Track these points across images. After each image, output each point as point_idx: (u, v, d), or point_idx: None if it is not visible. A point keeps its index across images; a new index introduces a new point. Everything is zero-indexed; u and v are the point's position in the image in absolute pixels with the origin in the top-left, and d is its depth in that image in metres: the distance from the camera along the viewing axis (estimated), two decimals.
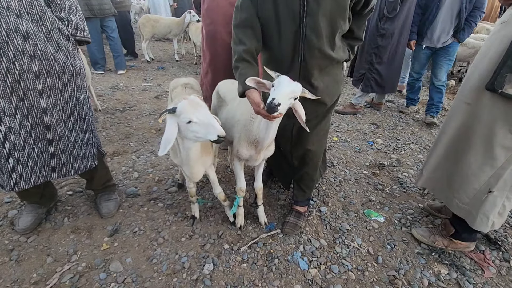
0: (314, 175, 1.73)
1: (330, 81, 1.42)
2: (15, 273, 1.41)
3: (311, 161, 1.64)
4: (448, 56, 3.07)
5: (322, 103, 1.44)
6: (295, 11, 1.19)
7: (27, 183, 1.40)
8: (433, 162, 1.61)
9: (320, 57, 1.30)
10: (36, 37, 1.24)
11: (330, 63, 1.36)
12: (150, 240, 1.62)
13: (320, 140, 1.62)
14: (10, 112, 1.26)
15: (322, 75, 1.38)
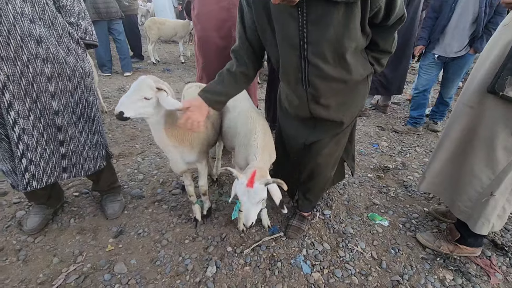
0: (322, 187, 1.66)
1: (348, 98, 1.30)
2: (22, 273, 1.43)
3: (320, 175, 1.56)
4: (461, 69, 2.69)
5: (337, 121, 1.35)
6: (294, 41, 1.09)
7: (39, 183, 1.43)
8: (436, 166, 1.60)
9: (330, 81, 1.18)
10: (48, 41, 1.28)
11: (345, 86, 1.22)
12: (154, 242, 1.63)
13: (334, 153, 1.51)
14: (24, 114, 1.30)
15: (338, 95, 1.26)
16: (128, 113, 1.18)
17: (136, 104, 1.20)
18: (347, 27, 1.01)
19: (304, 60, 1.13)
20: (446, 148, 1.53)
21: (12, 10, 1.17)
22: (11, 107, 1.26)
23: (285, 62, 1.20)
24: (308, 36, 1.06)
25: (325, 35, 1.03)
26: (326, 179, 1.63)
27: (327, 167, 1.55)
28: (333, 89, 1.22)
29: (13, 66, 1.21)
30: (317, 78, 1.17)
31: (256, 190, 1.09)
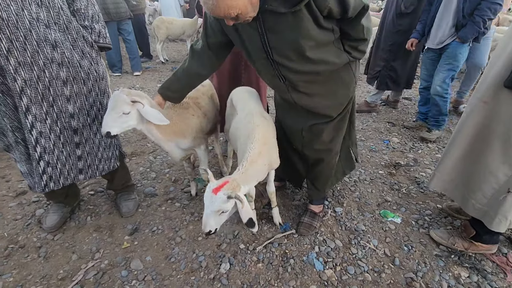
0: (329, 174, 1.70)
1: (329, 86, 1.35)
2: (43, 269, 1.49)
3: (324, 161, 1.61)
4: (448, 59, 2.52)
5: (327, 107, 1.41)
6: (259, 47, 1.20)
7: (56, 185, 1.48)
8: (448, 164, 1.58)
9: (302, 74, 1.27)
10: (63, 45, 1.31)
11: (319, 75, 1.29)
12: (168, 239, 1.67)
13: (334, 139, 1.56)
14: (41, 117, 1.33)
15: (317, 85, 1.33)
16: (113, 131, 1.28)
17: (118, 121, 1.28)
18: (299, 30, 1.10)
19: (272, 61, 1.24)
20: (458, 145, 1.51)
21: (28, 16, 1.19)
22: (28, 111, 1.29)
23: (259, 64, 1.32)
24: (269, 42, 1.17)
25: (282, 40, 1.15)
26: (331, 166, 1.66)
27: (329, 153, 1.59)
28: (309, 80, 1.30)
29: (30, 71, 1.24)
30: (289, 73, 1.26)
31: (217, 198, 1.07)
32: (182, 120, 1.58)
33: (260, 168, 1.32)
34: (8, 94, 1.24)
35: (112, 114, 1.28)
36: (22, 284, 1.41)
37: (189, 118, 1.61)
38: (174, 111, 1.58)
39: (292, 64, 1.22)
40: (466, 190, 1.49)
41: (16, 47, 1.17)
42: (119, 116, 1.28)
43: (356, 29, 1.20)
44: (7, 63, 1.17)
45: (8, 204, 1.92)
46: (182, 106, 1.62)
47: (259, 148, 1.30)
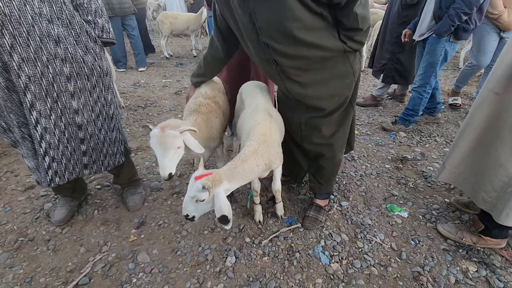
0: (333, 170, 1.68)
1: (325, 76, 1.31)
2: (52, 262, 1.51)
3: (326, 155, 1.58)
4: (426, 54, 2.46)
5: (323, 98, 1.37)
6: (250, 27, 1.19)
7: (61, 179, 1.49)
8: (457, 156, 1.55)
9: (291, 59, 1.23)
10: (66, 41, 1.30)
11: (310, 61, 1.25)
12: (174, 233, 1.68)
13: (335, 134, 1.52)
14: (45, 113, 1.34)
15: (309, 72, 1.29)
16: (174, 169, 1.28)
17: (174, 158, 1.26)
18: (284, 10, 1.08)
19: (263, 43, 1.22)
20: (468, 137, 1.48)
21: (31, 11, 1.18)
22: (33, 107, 1.29)
23: (252, 48, 1.30)
24: (257, 20, 1.16)
25: (267, 20, 1.14)
26: (336, 162, 1.64)
27: (330, 148, 1.55)
28: (300, 67, 1.27)
29: (34, 67, 1.24)
30: (279, 56, 1.24)
31: (195, 185, 1.08)
32: (208, 125, 1.54)
33: (251, 167, 1.25)
34: (13, 90, 1.25)
35: (168, 155, 1.24)
36: (32, 276, 1.43)
37: (213, 121, 1.57)
38: (200, 118, 1.51)
39: (280, 47, 1.19)
40: (476, 183, 1.46)
41: (19, 43, 1.17)
42: (175, 153, 1.25)
43: (348, 18, 1.15)
44: (10, 59, 1.17)
45: (17, 198, 1.95)
46: (206, 109, 1.55)
47: (256, 147, 1.26)
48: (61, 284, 1.39)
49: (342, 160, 1.72)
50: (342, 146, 1.62)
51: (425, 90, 2.57)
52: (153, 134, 1.23)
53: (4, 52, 1.15)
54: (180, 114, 3.28)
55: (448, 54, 2.43)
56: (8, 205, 1.88)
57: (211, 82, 1.74)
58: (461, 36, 2.31)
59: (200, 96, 1.61)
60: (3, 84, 1.21)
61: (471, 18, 2.21)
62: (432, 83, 2.57)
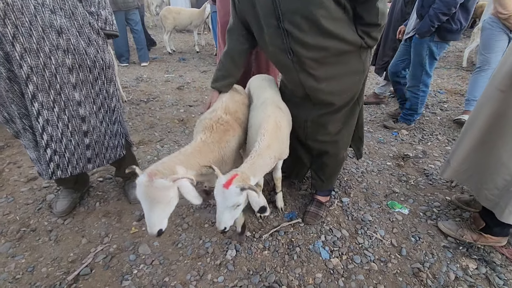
0: (335, 168, 1.67)
1: (337, 71, 1.30)
2: (54, 252, 1.52)
3: (330, 152, 1.57)
4: (413, 53, 2.46)
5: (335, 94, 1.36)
6: (271, 12, 1.16)
7: (64, 173, 1.49)
8: (461, 153, 1.54)
9: (311, 50, 1.21)
10: (69, 32, 1.29)
11: (328, 54, 1.24)
12: (175, 226, 1.69)
13: (340, 132, 1.51)
14: (48, 105, 1.33)
15: (325, 66, 1.28)
16: (164, 225, 1.05)
17: (166, 211, 1.05)
18: None
19: (283, 30, 1.18)
20: (473, 134, 1.47)
21: (33, 1, 1.17)
22: (35, 99, 1.29)
23: (268, 35, 1.25)
24: (281, 6, 1.13)
25: (292, 5, 1.11)
26: (339, 160, 1.63)
27: (335, 145, 1.54)
28: (317, 58, 1.25)
29: (36, 58, 1.23)
30: (297, 45, 1.21)
31: (230, 192, 1.02)
32: (221, 145, 1.30)
33: (268, 161, 1.27)
34: (15, 81, 1.24)
35: (157, 210, 1.02)
36: (34, 266, 1.45)
37: (229, 141, 1.33)
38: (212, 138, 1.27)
39: (301, 35, 1.17)
40: (479, 180, 1.46)
41: (22, 33, 1.16)
42: (165, 206, 1.04)
43: (370, 12, 1.15)
44: (12, 49, 1.17)
45: (19, 189, 1.96)
46: (223, 128, 1.32)
47: (269, 141, 1.26)
48: (63, 274, 1.41)
49: (345, 158, 1.70)
50: (346, 143, 1.61)
51: (419, 89, 2.57)
52: (139, 182, 1.00)
53: (6, 42, 1.15)
54: (183, 109, 3.28)
55: (435, 53, 2.40)
56: (11, 196, 1.90)
57: (234, 93, 1.54)
58: (446, 36, 2.28)
59: (219, 109, 1.38)
60: (4, 74, 1.21)
61: (454, 19, 2.18)
62: (427, 82, 2.55)
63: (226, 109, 1.38)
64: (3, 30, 1.13)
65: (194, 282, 1.38)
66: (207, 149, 1.23)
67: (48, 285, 1.35)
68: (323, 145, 1.55)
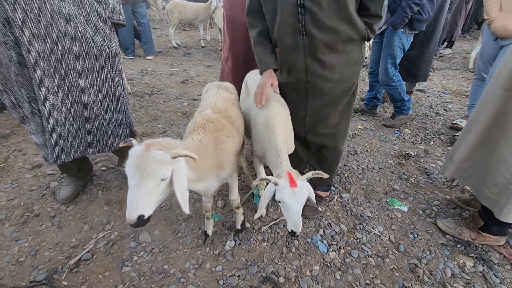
0: (334, 162, 1.68)
1: (342, 61, 1.32)
2: (57, 237, 1.55)
3: (329, 146, 1.58)
4: (384, 46, 2.56)
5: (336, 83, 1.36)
6: None
7: (67, 157, 1.52)
8: (464, 150, 1.54)
9: (325, 32, 1.21)
10: (77, 19, 1.31)
11: (339, 39, 1.25)
12: (175, 215, 1.71)
13: (339, 124, 1.52)
14: (53, 90, 1.36)
15: (333, 53, 1.29)
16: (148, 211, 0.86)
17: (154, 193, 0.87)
18: None
19: (300, 6, 1.17)
20: (475, 132, 1.47)
21: None
22: (42, 83, 1.31)
23: (285, 12, 1.23)
24: None
25: None
26: (337, 154, 1.65)
27: (333, 138, 1.56)
28: (328, 43, 1.25)
29: (44, 44, 1.26)
30: (312, 26, 1.20)
31: (301, 188, 1.05)
32: (217, 147, 1.19)
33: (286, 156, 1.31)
34: (25, 65, 1.27)
35: (145, 186, 0.84)
36: (37, 250, 1.48)
37: (224, 141, 1.22)
38: (207, 137, 1.17)
39: (321, 14, 1.17)
40: (480, 179, 1.46)
41: (31, 18, 1.19)
42: (156, 186, 0.87)
43: (377, 4, 1.18)
44: (21, 34, 1.19)
45: (24, 175, 1.99)
46: (214, 126, 1.22)
47: (282, 136, 1.29)
48: (65, 259, 1.43)
49: (343, 153, 1.71)
50: (344, 135, 1.63)
51: (393, 80, 2.64)
52: (133, 152, 0.87)
53: (16, 27, 1.17)
54: (186, 102, 3.30)
55: (405, 46, 2.54)
56: (15, 182, 1.93)
57: (224, 92, 1.47)
58: (416, 26, 2.42)
59: (208, 108, 1.29)
60: (15, 58, 1.24)
61: (424, 9, 2.34)
62: (397, 74, 2.64)
63: (215, 108, 1.30)
64: (13, 15, 1.15)
65: (193, 270, 1.40)
66: (204, 152, 1.13)
67: (50, 268, 1.38)
68: (323, 139, 1.56)
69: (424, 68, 3.20)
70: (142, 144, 0.89)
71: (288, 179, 1.06)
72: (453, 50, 5.84)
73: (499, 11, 2.23)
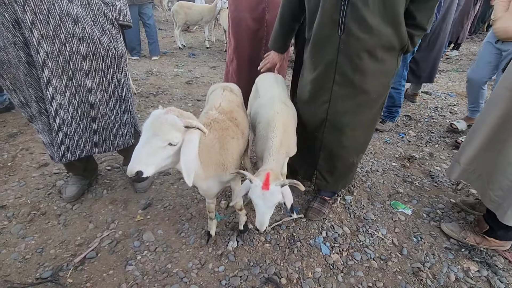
0: (344, 173, 1.62)
1: (376, 69, 1.24)
2: (62, 235, 1.58)
3: (341, 158, 1.52)
4: None
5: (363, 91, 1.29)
6: None
7: (73, 156, 1.54)
8: (470, 152, 1.52)
9: (365, 31, 1.14)
10: (84, 21, 1.33)
11: (379, 43, 1.17)
12: (179, 215, 1.72)
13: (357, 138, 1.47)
14: (60, 90, 1.38)
15: (369, 58, 1.20)
16: (148, 171, 0.90)
17: (157, 155, 0.91)
18: None
19: (345, 0, 1.12)
20: (482, 134, 1.45)
21: None
22: (49, 83, 1.34)
23: (326, 2, 1.18)
24: None
25: None
26: (349, 165, 1.58)
27: (349, 150, 1.50)
28: (365, 43, 1.17)
29: (52, 44, 1.28)
30: (353, 22, 1.14)
31: (272, 192, 1.04)
32: (222, 146, 1.20)
33: (282, 157, 1.30)
34: (33, 65, 1.29)
35: (150, 145, 0.89)
36: (43, 247, 1.50)
37: (229, 142, 1.23)
38: (213, 134, 1.19)
39: (364, 10, 1.10)
40: (486, 181, 1.45)
41: (40, 19, 1.21)
42: (162, 147, 0.91)
43: (424, 13, 1.11)
44: (31, 35, 1.22)
45: (31, 174, 2.03)
46: (220, 126, 1.24)
47: (280, 137, 1.27)
48: (70, 256, 1.46)
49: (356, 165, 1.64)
50: (361, 151, 1.58)
51: (400, 83, 2.63)
52: (153, 113, 0.93)
53: (25, 28, 1.20)
54: (191, 103, 3.32)
55: None
56: (22, 180, 1.96)
57: (230, 93, 1.48)
58: None
59: (213, 109, 1.31)
60: (24, 59, 1.26)
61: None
62: (405, 75, 2.63)
63: (220, 109, 1.31)
64: (23, 16, 1.18)
65: (196, 270, 1.41)
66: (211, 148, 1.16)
67: (56, 266, 1.41)
68: (338, 148, 1.49)
69: (429, 69, 3.17)
70: (165, 109, 0.95)
71: (263, 179, 1.05)
72: (460, 52, 5.79)
73: (505, 11, 2.18)
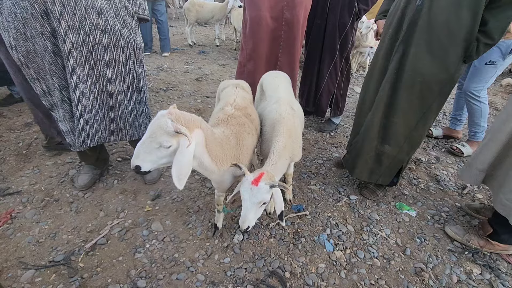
0: (388, 164, 1.71)
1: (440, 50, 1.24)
2: (74, 222, 1.63)
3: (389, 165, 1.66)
4: None
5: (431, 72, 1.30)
6: None
7: (92, 142, 1.61)
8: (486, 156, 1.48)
9: (444, 10, 1.15)
10: (107, 13, 1.39)
11: (456, 26, 1.16)
12: (186, 207, 1.76)
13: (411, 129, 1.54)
14: (83, 78, 1.45)
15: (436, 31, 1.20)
16: (145, 166, 0.97)
17: (153, 154, 0.97)
18: None
19: None
20: (499, 139, 1.41)
21: None
22: (74, 72, 1.40)
23: None
24: None
25: None
26: (395, 162, 1.68)
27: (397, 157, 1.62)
28: (445, 19, 1.16)
29: (77, 35, 1.35)
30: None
31: (259, 189, 1.05)
32: (238, 141, 1.24)
33: (285, 162, 1.30)
34: (58, 55, 1.36)
35: (147, 144, 0.96)
36: (56, 232, 1.55)
37: (245, 137, 1.26)
38: (230, 130, 1.22)
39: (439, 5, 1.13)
40: (498, 184, 1.44)
41: (67, 11, 1.28)
42: (156, 148, 0.96)
43: (499, 19, 1.08)
44: (58, 25, 1.29)
45: (45, 162, 2.09)
46: (237, 122, 1.26)
47: (284, 142, 1.28)
48: (81, 242, 1.51)
49: (406, 163, 1.72)
50: (413, 147, 1.65)
51: None
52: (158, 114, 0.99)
53: (54, 19, 1.27)
54: (200, 99, 3.37)
55: None
56: (37, 168, 2.03)
57: (242, 91, 1.50)
58: None
59: (229, 105, 1.34)
60: (50, 48, 1.33)
61: None
62: None
63: (236, 105, 1.35)
64: (52, 7, 1.25)
65: (202, 260, 1.45)
66: (227, 143, 1.19)
67: (68, 250, 1.46)
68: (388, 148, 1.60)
69: None
70: (168, 111, 0.97)
71: (256, 176, 1.08)
72: None
73: None
